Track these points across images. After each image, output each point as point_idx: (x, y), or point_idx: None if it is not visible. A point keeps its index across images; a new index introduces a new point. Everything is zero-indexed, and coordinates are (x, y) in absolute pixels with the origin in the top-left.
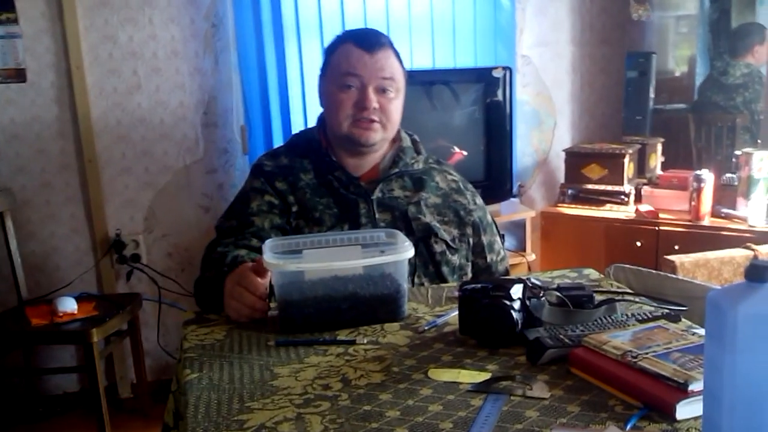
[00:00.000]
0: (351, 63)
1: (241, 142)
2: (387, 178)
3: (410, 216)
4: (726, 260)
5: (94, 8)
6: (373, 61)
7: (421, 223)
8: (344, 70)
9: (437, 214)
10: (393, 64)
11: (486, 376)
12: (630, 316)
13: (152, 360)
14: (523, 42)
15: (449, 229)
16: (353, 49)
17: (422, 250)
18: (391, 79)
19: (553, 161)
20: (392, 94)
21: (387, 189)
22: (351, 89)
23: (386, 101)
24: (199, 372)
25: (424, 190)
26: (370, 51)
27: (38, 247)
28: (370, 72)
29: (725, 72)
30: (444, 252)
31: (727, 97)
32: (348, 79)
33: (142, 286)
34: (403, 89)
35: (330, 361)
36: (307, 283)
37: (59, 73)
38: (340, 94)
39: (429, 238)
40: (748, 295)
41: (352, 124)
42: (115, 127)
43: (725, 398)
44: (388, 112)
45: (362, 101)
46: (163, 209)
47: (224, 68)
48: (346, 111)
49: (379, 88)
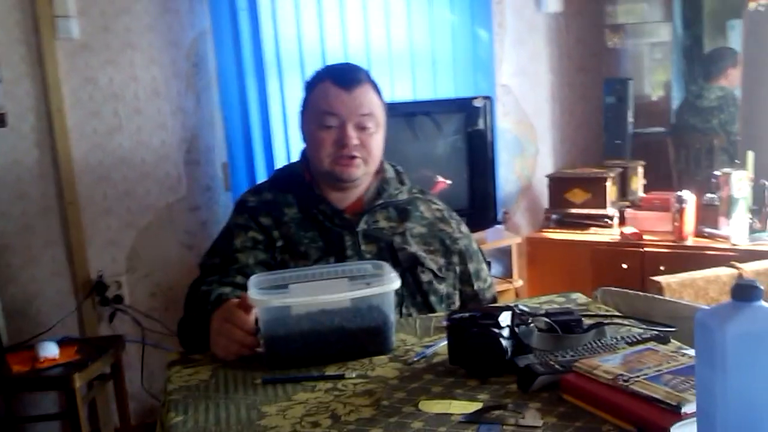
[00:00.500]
0: (329, 102)
1: (223, 178)
2: (371, 209)
3: (396, 246)
4: (711, 279)
5: (74, 51)
6: (351, 98)
7: (407, 253)
8: (323, 109)
9: (423, 243)
10: (371, 99)
11: (477, 406)
12: (619, 339)
13: (136, 403)
14: (503, 72)
15: (435, 258)
16: (331, 87)
17: (409, 280)
18: (370, 114)
19: (537, 187)
20: (372, 129)
21: (372, 220)
22: (331, 128)
23: (366, 137)
24: (184, 414)
25: (409, 220)
26: (347, 88)
27: (19, 292)
28: (349, 110)
29: (700, 95)
30: (431, 281)
31: (704, 120)
32: (327, 119)
33: (125, 327)
34: (384, 122)
35: (318, 397)
36: (294, 318)
37: (39, 116)
38: (320, 133)
39: (415, 267)
40: (735, 314)
41: (333, 162)
42: (97, 168)
43: (718, 419)
44: (369, 147)
45: (342, 139)
46: (146, 249)
47: (206, 106)
48: (326, 149)
49: (359, 125)
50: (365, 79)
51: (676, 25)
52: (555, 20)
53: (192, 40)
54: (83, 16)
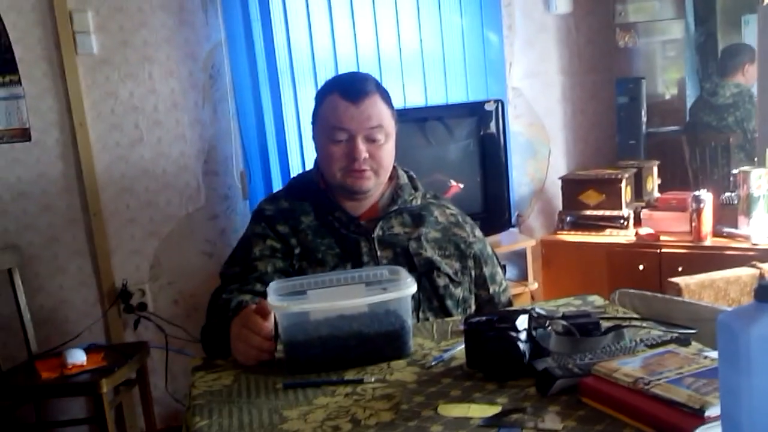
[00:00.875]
0: (338, 117)
1: (241, 187)
2: (386, 216)
3: (411, 252)
4: (732, 280)
5: (95, 66)
6: (359, 112)
7: (423, 258)
8: (332, 124)
9: (438, 248)
10: (380, 111)
11: (496, 410)
12: (639, 341)
13: (161, 408)
14: (513, 74)
15: (451, 262)
16: (339, 101)
17: (425, 284)
18: (379, 126)
19: (550, 189)
20: (381, 140)
21: (387, 226)
22: (340, 142)
23: (376, 149)
24: (209, 419)
25: (423, 225)
26: (355, 102)
27: (47, 301)
28: (357, 123)
29: (715, 93)
30: (447, 285)
31: (719, 117)
32: (336, 133)
33: (149, 334)
34: (394, 131)
35: (338, 402)
36: (312, 323)
37: (63, 130)
38: (330, 147)
39: (431, 272)
40: (759, 316)
41: (344, 175)
42: (119, 180)
43: (744, 423)
44: (379, 159)
45: (352, 153)
46: (168, 257)
47: (223, 117)
48: (337, 163)
49: (368, 138)
50: (373, 90)
51: (689, 22)
52: (564, 21)
53: (207, 52)
54: (102, 31)
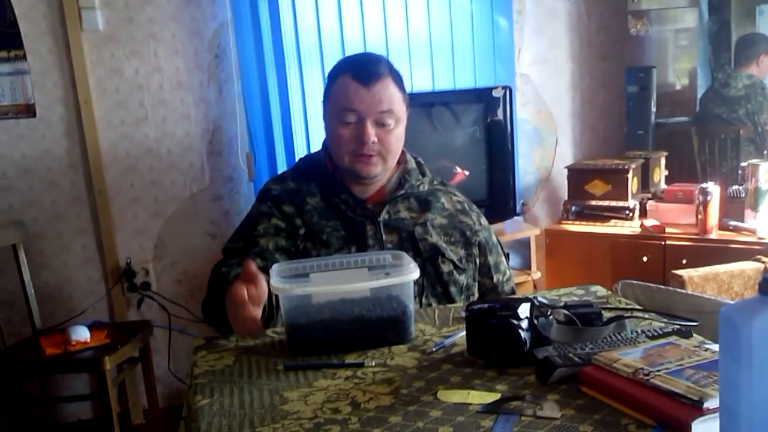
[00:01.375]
0: (348, 98)
1: (246, 169)
2: (393, 200)
3: (417, 237)
4: (736, 273)
5: (100, 43)
6: (370, 95)
7: (428, 243)
8: (342, 105)
9: (444, 234)
10: (391, 94)
11: (495, 397)
12: (640, 332)
13: (163, 386)
14: (522, 61)
15: (456, 249)
16: (351, 82)
17: (429, 270)
18: (389, 111)
19: (556, 178)
20: (391, 125)
21: (393, 210)
22: (350, 124)
23: (385, 133)
24: (210, 398)
25: (430, 211)
26: (367, 84)
27: (51, 278)
28: (368, 106)
29: (727, 84)
30: (451, 272)
31: (730, 109)
32: (346, 115)
33: (152, 313)
34: (405, 116)
35: (339, 385)
36: (315, 306)
37: (68, 107)
38: (339, 128)
39: (436, 258)
40: (762, 309)
41: (352, 159)
42: (124, 159)
43: (743, 415)
44: (387, 144)
45: (360, 136)
46: (172, 237)
47: (228, 97)
48: (346, 146)
49: (378, 122)
50: (386, 72)
51: (702, 11)
52: (576, 7)
53: (213, 31)
54: (107, 7)
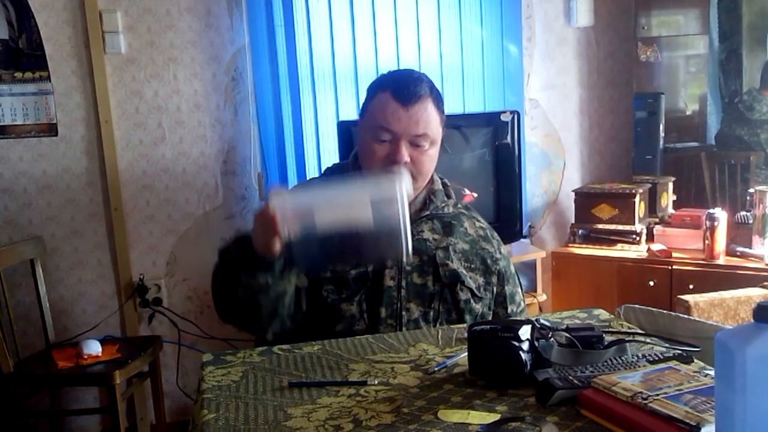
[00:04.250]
0: (386, 117)
1: (258, 188)
2: (418, 220)
3: (438, 261)
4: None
5: (122, 66)
6: (407, 116)
7: (449, 269)
8: (378, 123)
9: (465, 260)
10: (429, 116)
11: (495, 417)
12: (641, 357)
13: (171, 401)
14: (531, 86)
15: (475, 276)
16: (390, 101)
17: (447, 296)
18: (425, 134)
19: (563, 202)
20: (426, 146)
21: (417, 231)
22: (384, 142)
23: (418, 154)
24: (216, 412)
25: (452, 235)
26: (406, 105)
27: (66, 293)
28: (404, 127)
29: (751, 107)
30: (468, 300)
31: (751, 132)
32: (381, 133)
33: (162, 328)
34: (440, 136)
35: (341, 402)
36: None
37: (89, 126)
38: (373, 144)
39: (455, 285)
40: (757, 336)
41: None
42: (141, 177)
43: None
44: (420, 164)
45: (393, 155)
46: (184, 254)
47: (243, 119)
48: (377, 162)
49: (413, 143)
50: (426, 94)
51: (713, 38)
52: (585, 34)
53: (231, 55)
54: (130, 32)
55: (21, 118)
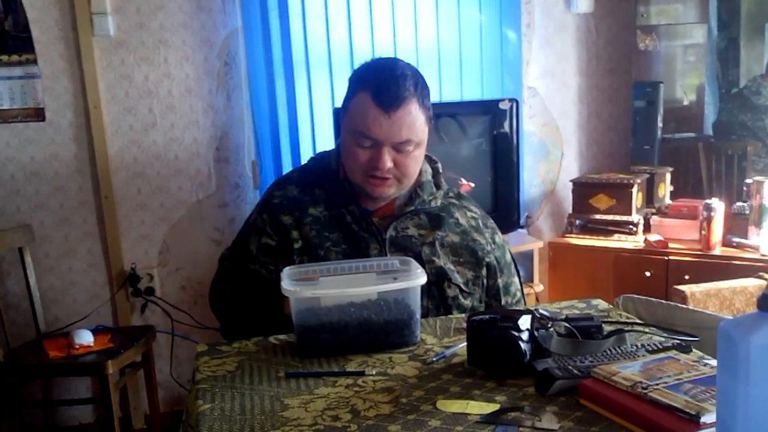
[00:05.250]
0: (366, 123)
1: (252, 176)
2: (402, 215)
3: (424, 258)
4: (738, 290)
5: (110, 49)
6: (390, 122)
7: (435, 266)
8: (359, 129)
9: (453, 254)
10: (413, 121)
11: (494, 407)
12: (640, 346)
13: (165, 391)
14: (530, 73)
15: (464, 271)
16: (371, 106)
17: (434, 293)
18: (408, 140)
19: (561, 191)
20: (410, 149)
21: (401, 227)
22: (365, 147)
23: (402, 157)
24: (211, 403)
25: (440, 228)
26: (387, 111)
27: (56, 282)
28: (386, 134)
29: (758, 92)
30: (456, 296)
31: (756, 117)
32: (362, 139)
33: (155, 318)
34: (426, 136)
35: (339, 392)
36: (323, 309)
37: (77, 112)
38: (354, 147)
39: (442, 282)
40: (760, 325)
41: (365, 179)
42: (132, 164)
43: (738, 430)
44: (404, 168)
45: (375, 161)
46: (177, 243)
47: (236, 105)
48: (359, 165)
49: (396, 148)
50: (410, 95)
51: (711, 27)
52: (584, 21)
53: (224, 38)
54: (119, 13)
55: (7, 103)
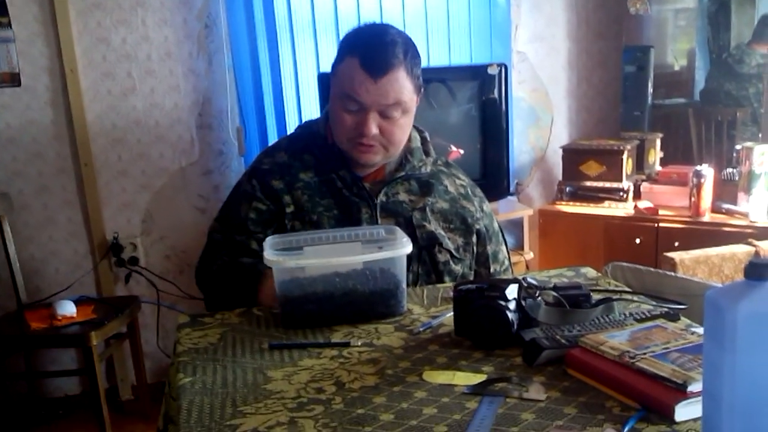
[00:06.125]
0: (353, 87)
1: (237, 143)
2: (393, 181)
3: (415, 223)
4: (727, 257)
5: (86, 11)
6: (376, 87)
7: (426, 231)
8: (345, 92)
9: (443, 220)
10: (400, 87)
11: (481, 378)
12: (628, 315)
13: (152, 362)
14: (519, 38)
15: (454, 237)
16: (358, 70)
17: (425, 258)
18: (396, 104)
19: (551, 158)
20: (397, 116)
21: (392, 192)
22: (352, 112)
23: (389, 124)
24: (192, 376)
25: (430, 194)
26: (374, 76)
27: (37, 252)
28: (372, 99)
29: (741, 60)
30: (447, 262)
31: (739, 86)
32: (348, 103)
33: (140, 288)
34: (414, 103)
35: (324, 364)
36: (308, 279)
37: (53, 76)
38: (342, 113)
39: (433, 247)
40: (747, 293)
41: (351, 145)
42: (111, 130)
43: (725, 399)
44: (390, 135)
45: (361, 126)
46: (160, 212)
47: (218, 69)
48: (346, 131)
49: (382, 114)
50: (398, 61)
51: None
52: None
53: (203, 0)
54: None
55: None
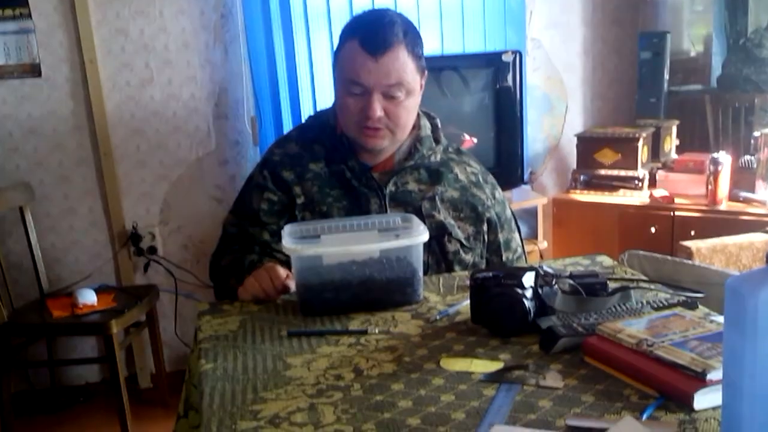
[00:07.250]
0: (354, 69)
1: (251, 133)
2: (402, 170)
3: (424, 213)
4: (744, 245)
5: (105, 2)
6: (377, 66)
7: (435, 220)
8: (348, 76)
9: (453, 209)
10: (402, 66)
11: (498, 366)
12: (645, 303)
13: (170, 350)
14: (533, 24)
15: (464, 226)
16: (358, 51)
17: (435, 248)
18: (398, 84)
19: (565, 147)
20: (401, 97)
21: (401, 182)
22: (356, 95)
23: (393, 106)
24: (214, 362)
25: (440, 183)
26: (375, 55)
27: (58, 241)
28: (375, 79)
29: (760, 44)
30: (457, 251)
31: (758, 70)
32: (352, 87)
33: (158, 277)
34: (419, 85)
35: (342, 351)
36: (325, 267)
37: (73, 67)
38: (346, 98)
39: (443, 236)
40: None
41: (358, 130)
42: (130, 121)
43: (745, 387)
44: (396, 117)
45: (366, 109)
46: (178, 201)
47: (234, 59)
48: (352, 116)
49: (386, 94)
50: (398, 40)
51: None
52: None
53: None
54: None
55: (2, 59)
